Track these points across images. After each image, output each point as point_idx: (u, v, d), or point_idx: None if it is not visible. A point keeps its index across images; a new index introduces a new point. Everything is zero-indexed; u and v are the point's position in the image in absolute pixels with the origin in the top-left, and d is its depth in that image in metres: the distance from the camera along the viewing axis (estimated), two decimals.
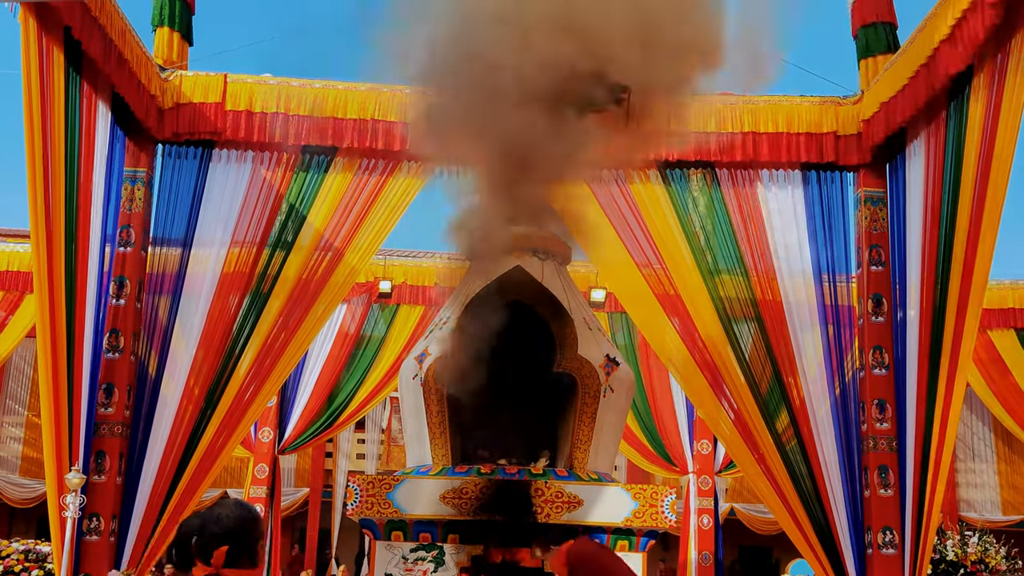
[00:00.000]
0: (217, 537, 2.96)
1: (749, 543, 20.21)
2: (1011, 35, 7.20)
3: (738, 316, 9.26)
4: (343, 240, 9.49)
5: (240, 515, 3.02)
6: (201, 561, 2.94)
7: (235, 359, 9.18)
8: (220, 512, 3.02)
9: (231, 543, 2.96)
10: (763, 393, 9.10)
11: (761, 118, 9.28)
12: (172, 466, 8.89)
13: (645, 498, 8.45)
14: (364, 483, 8.48)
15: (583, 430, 8.82)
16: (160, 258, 9.28)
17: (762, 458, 9.03)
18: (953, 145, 7.99)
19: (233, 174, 9.49)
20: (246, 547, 3.00)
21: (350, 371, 15.12)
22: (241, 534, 3.00)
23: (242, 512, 3.04)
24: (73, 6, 7.55)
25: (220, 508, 3.04)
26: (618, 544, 8.45)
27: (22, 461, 18.49)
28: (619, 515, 8.38)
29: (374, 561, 8.50)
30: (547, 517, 8.24)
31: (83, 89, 8.23)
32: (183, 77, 9.33)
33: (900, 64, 8.47)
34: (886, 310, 9.01)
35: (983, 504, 18.25)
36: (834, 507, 8.86)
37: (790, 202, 9.41)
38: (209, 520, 2.99)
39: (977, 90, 7.64)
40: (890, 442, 8.75)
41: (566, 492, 8.36)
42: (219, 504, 3.07)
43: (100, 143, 8.62)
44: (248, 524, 3.02)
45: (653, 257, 9.40)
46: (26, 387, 18.49)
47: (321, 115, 9.30)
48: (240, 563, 2.98)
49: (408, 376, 9.17)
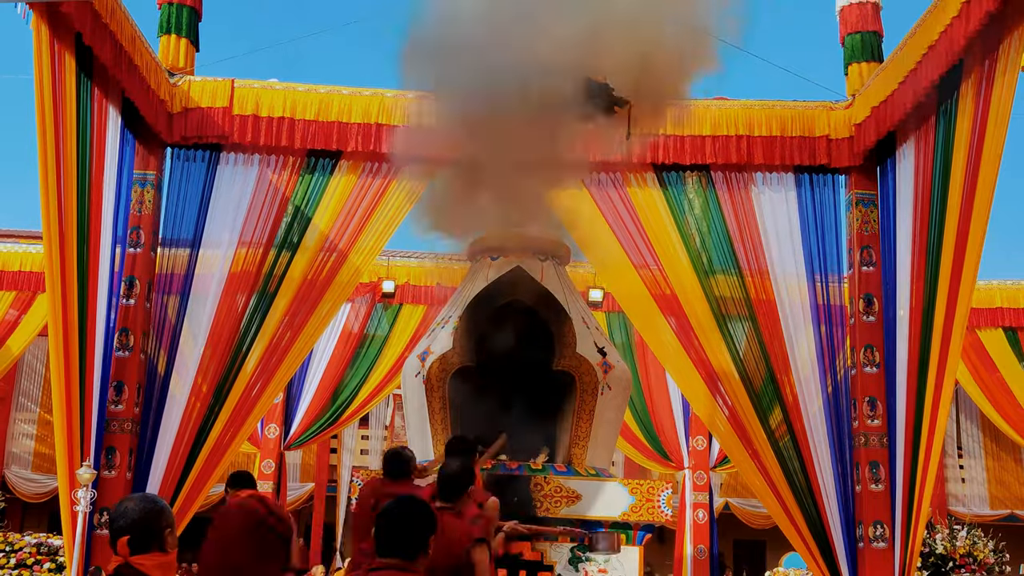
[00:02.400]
0: (122, 529, 3.13)
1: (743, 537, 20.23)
2: (998, 43, 7.22)
3: (732, 315, 9.26)
4: (347, 241, 9.50)
5: (144, 507, 3.19)
6: (112, 552, 3.11)
7: (242, 357, 9.19)
8: (127, 506, 3.20)
9: (133, 533, 3.11)
10: (757, 390, 9.10)
11: (755, 122, 9.29)
12: (180, 461, 8.89)
13: (642, 493, 8.47)
14: (368, 478, 8.49)
15: (581, 427, 8.84)
16: (169, 259, 9.29)
17: (756, 454, 9.04)
18: (942, 148, 8.00)
19: (240, 177, 9.50)
20: (152, 535, 3.16)
21: (354, 369, 15.12)
22: (145, 524, 3.15)
23: (146, 505, 3.21)
24: (84, 13, 7.55)
25: (128, 502, 3.22)
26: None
27: (34, 457, 18.51)
28: (616, 509, 8.39)
29: None
30: (546, 511, 8.26)
31: (94, 94, 8.23)
32: (191, 82, 9.34)
33: (890, 70, 8.48)
34: (877, 310, 9.02)
35: (971, 499, 18.27)
36: (826, 502, 8.87)
37: (783, 204, 9.42)
38: (117, 515, 3.17)
39: (965, 95, 7.66)
40: (881, 438, 8.75)
41: (565, 487, 8.37)
42: (127, 499, 3.25)
43: (110, 146, 8.62)
44: (152, 515, 3.18)
45: (650, 258, 9.40)
46: (38, 385, 18.50)
47: (326, 119, 9.30)
48: (149, 549, 3.13)
49: (411, 374, 9.18)
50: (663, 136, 9.21)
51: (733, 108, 9.35)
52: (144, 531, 3.15)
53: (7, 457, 18.35)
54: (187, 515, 8.88)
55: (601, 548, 8.00)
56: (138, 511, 3.18)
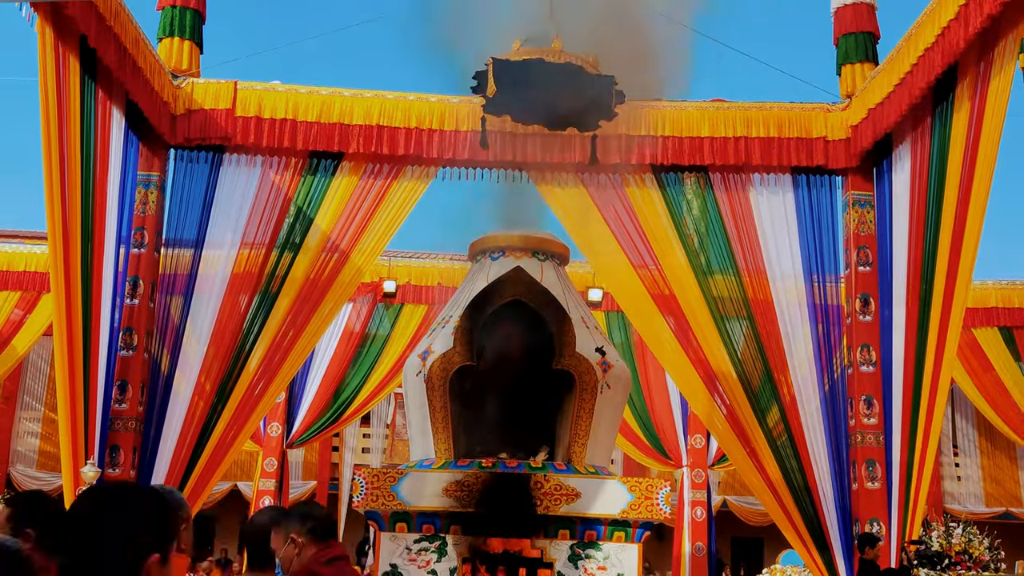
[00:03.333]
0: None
1: (741, 534, 20.23)
2: (993, 45, 7.23)
3: (731, 315, 9.27)
4: (349, 242, 9.50)
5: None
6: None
7: (245, 356, 9.19)
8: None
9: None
10: (755, 389, 9.10)
11: (753, 124, 9.29)
12: (184, 460, 8.90)
13: (641, 491, 8.46)
14: (369, 476, 8.49)
15: (581, 425, 8.84)
16: (172, 259, 9.29)
17: (753, 452, 9.04)
18: (938, 150, 8.01)
19: (243, 178, 9.50)
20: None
21: (355, 368, 15.12)
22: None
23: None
24: (89, 16, 7.55)
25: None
26: (615, 535, 8.46)
27: (39, 455, 18.50)
28: (616, 507, 8.39)
29: (379, 552, 8.52)
30: (546, 509, 8.26)
31: (98, 96, 8.23)
32: (195, 84, 9.34)
33: (886, 72, 8.48)
34: (873, 309, 9.02)
35: (967, 497, 18.27)
36: (823, 499, 8.87)
37: (781, 205, 9.42)
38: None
39: (960, 97, 7.67)
40: (877, 436, 8.76)
41: (564, 485, 8.37)
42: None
43: (115, 148, 8.63)
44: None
45: (649, 258, 9.40)
46: (43, 383, 18.49)
47: (328, 121, 9.31)
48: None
49: (412, 373, 9.18)
50: (662, 137, 9.21)
51: (731, 110, 9.35)
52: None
53: (12, 455, 18.34)
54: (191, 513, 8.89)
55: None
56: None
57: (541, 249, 9.47)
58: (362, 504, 8.45)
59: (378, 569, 8.39)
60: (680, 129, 9.25)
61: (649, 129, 9.19)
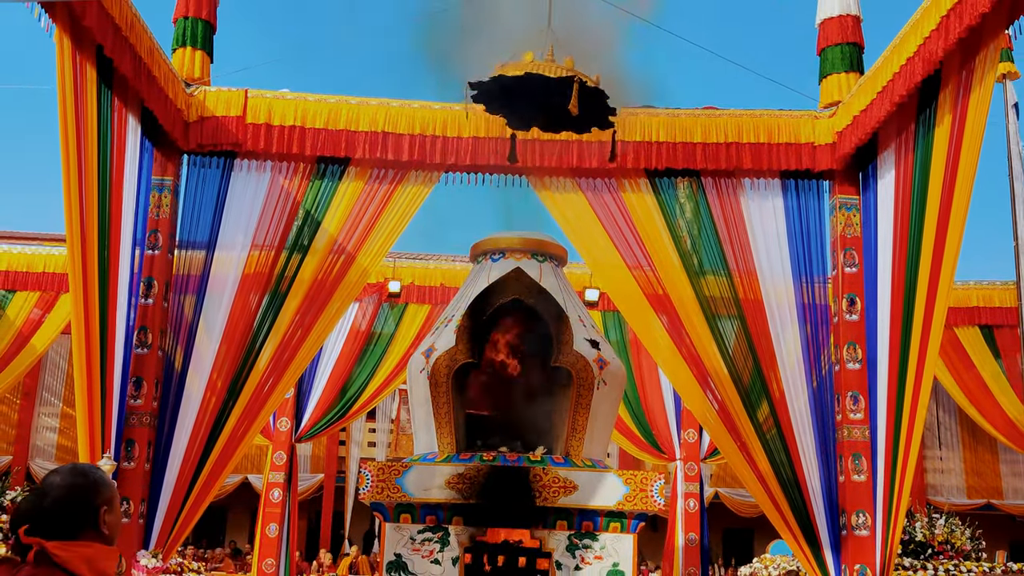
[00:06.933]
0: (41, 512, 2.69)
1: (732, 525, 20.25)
2: (974, 55, 7.23)
3: (722, 314, 9.27)
4: (355, 244, 9.50)
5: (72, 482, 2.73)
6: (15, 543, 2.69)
7: (255, 354, 9.19)
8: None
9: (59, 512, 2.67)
10: (745, 385, 9.11)
11: (744, 130, 9.30)
12: (196, 453, 8.90)
13: (636, 483, 8.48)
14: (375, 469, 8.50)
15: (578, 420, 8.85)
16: (185, 260, 9.30)
17: (744, 446, 9.04)
18: (921, 155, 8.02)
19: (253, 182, 9.51)
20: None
21: (362, 365, 15.12)
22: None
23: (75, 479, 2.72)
24: (105, 26, 7.56)
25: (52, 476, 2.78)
26: (611, 526, 8.47)
27: (57, 449, 18.51)
28: (612, 499, 8.40)
29: (384, 542, 8.53)
30: (545, 501, 8.27)
31: (114, 104, 8.23)
32: (207, 92, 9.35)
33: (871, 80, 8.49)
34: (859, 309, 9.03)
35: (949, 489, 18.27)
36: (811, 492, 8.87)
37: (770, 208, 9.42)
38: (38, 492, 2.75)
39: (943, 105, 7.67)
40: (863, 431, 8.76)
41: (562, 478, 8.38)
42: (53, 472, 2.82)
43: (130, 154, 8.63)
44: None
45: (643, 259, 9.41)
46: (60, 380, 18.51)
47: (335, 128, 9.31)
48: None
49: (416, 370, 9.20)
50: (656, 143, 9.22)
51: (722, 117, 9.36)
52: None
53: (31, 449, 18.35)
54: (203, 504, 8.90)
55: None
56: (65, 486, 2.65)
57: (540, 251, 9.49)
58: (368, 496, 8.46)
59: (383, 558, 8.40)
60: (673, 135, 9.25)
61: (643, 135, 9.19)
